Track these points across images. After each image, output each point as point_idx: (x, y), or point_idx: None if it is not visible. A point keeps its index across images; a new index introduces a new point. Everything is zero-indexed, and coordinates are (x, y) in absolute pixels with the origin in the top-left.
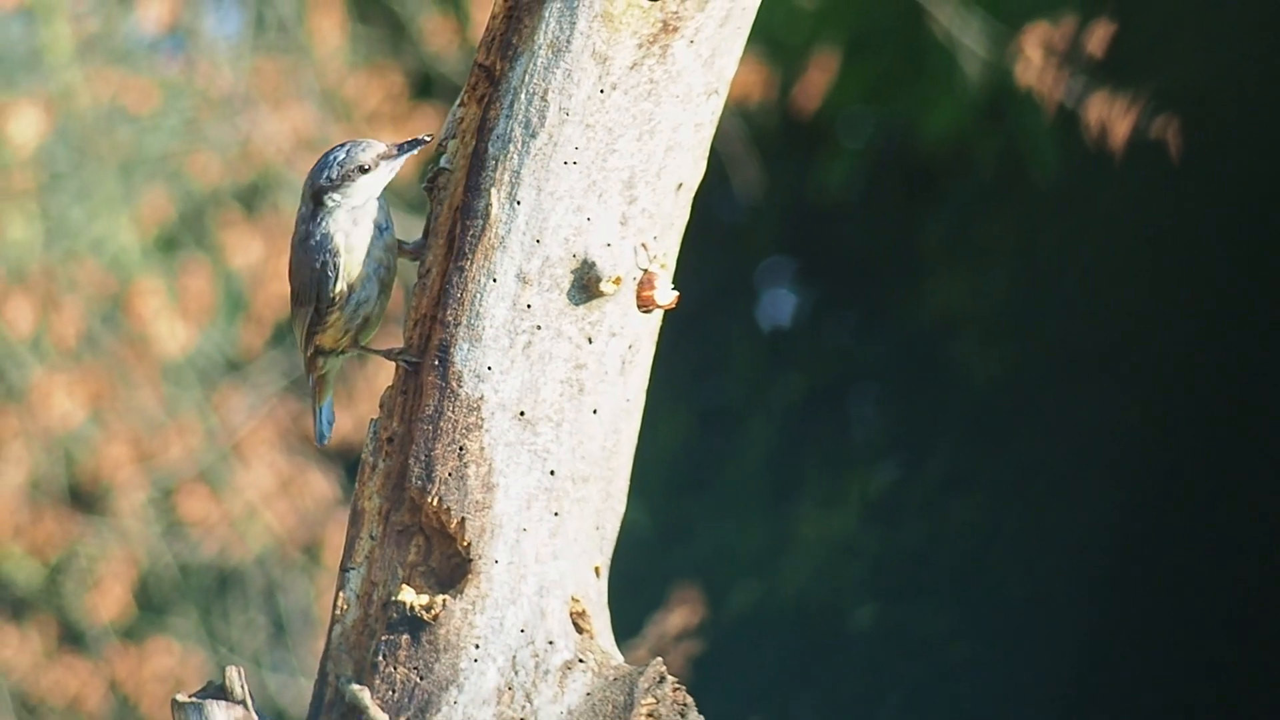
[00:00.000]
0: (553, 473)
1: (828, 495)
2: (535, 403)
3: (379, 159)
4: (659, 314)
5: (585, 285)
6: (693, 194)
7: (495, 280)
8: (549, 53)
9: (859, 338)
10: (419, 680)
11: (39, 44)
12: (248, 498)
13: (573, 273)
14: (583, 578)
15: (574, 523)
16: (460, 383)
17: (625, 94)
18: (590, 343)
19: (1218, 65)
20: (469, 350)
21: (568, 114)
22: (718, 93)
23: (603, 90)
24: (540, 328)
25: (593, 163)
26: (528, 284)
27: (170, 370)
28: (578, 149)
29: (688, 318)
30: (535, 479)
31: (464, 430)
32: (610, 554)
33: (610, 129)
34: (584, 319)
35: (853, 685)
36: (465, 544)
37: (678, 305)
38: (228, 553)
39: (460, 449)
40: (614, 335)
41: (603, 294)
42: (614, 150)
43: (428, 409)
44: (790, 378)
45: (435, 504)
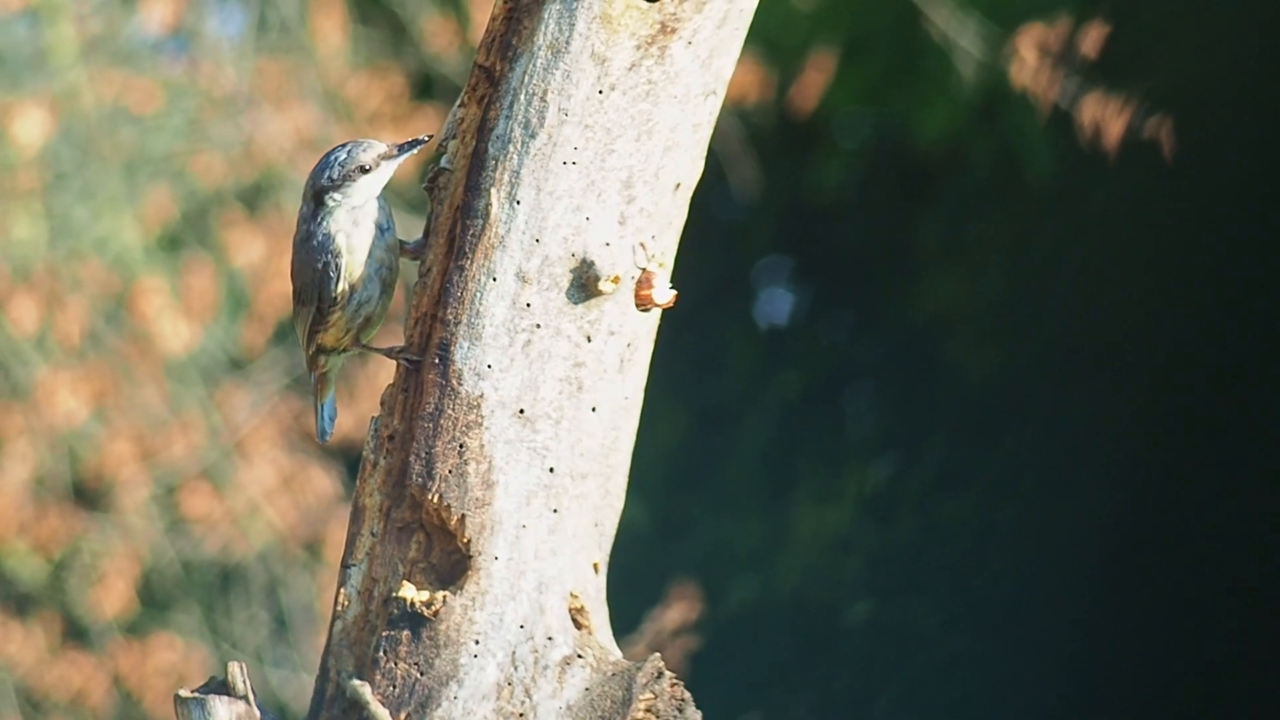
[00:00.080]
0: (552, 470)
1: (824, 492)
2: (535, 400)
3: (379, 159)
4: (657, 312)
5: (584, 284)
6: (690, 194)
7: (495, 279)
8: (548, 54)
9: (855, 336)
10: (419, 676)
11: (44, 45)
12: (250, 494)
13: (572, 272)
14: (581, 574)
15: (573, 519)
16: (460, 381)
17: (624, 95)
18: (589, 341)
19: (1211, 66)
20: (469, 348)
21: (567, 114)
22: (715, 93)
23: (601, 91)
24: (540, 326)
25: (591, 163)
26: (527, 283)
27: (173, 368)
28: (577, 149)
29: (685, 316)
30: (535, 476)
31: (464, 428)
32: (609, 550)
33: (609, 129)
34: (583, 317)
35: (848, 680)
36: (465, 540)
37: (676, 304)
38: (230, 549)
39: (460, 446)
40: (612, 334)
41: (601, 293)
42: (612, 150)
43: (428, 407)
44: (787, 375)
45: (436, 501)
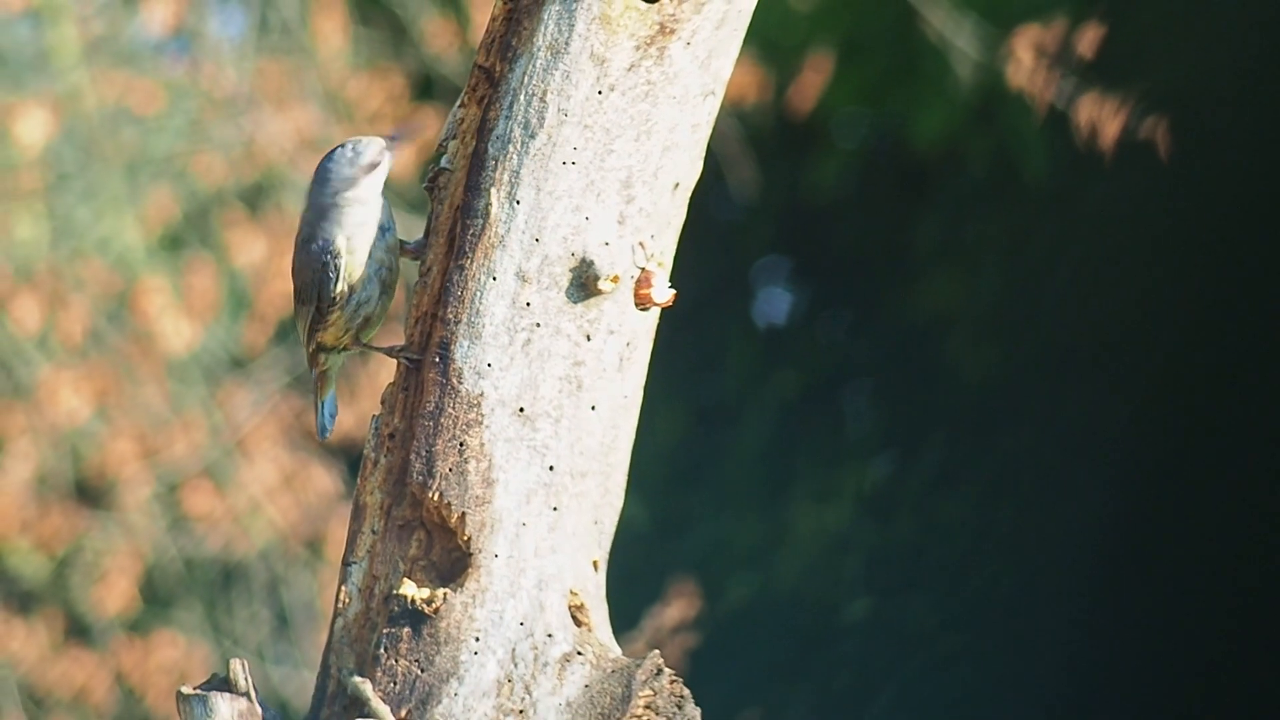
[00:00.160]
0: (552, 468)
1: (822, 490)
2: (534, 399)
3: (381, 153)
4: (656, 312)
5: (583, 283)
6: (689, 193)
7: (495, 278)
8: (548, 54)
9: (853, 335)
10: (420, 673)
11: (46, 46)
12: (251, 493)
13: (571, 271)
14: (581, 571)
15: (572, 517)
16: (461, 379)
17: (623, 95)
18: (588, 340)
19: (1206, 67)
20: (469, 347)
21: (566, 115)
22: (714, 94)
23: (600, 91)
24: (539, 325)
25: (591, 163)
26: (527, 282)
27: (175, 367)
28: (576, 149)
29: (684, 315)
30: (534, 474)
31: (464, 426)
32: (608, 548)
33: (608, 129)
34: (582, 317)
35: (847, 677)
36: (465, 538)
37: (675, 303)
38: (232, 547)
39: (460, 445)
40: (612, 333)
41: (601, 292)
42: (612, 150)
43: (429, 405)
44: (785, 374)
45: (436, 499)
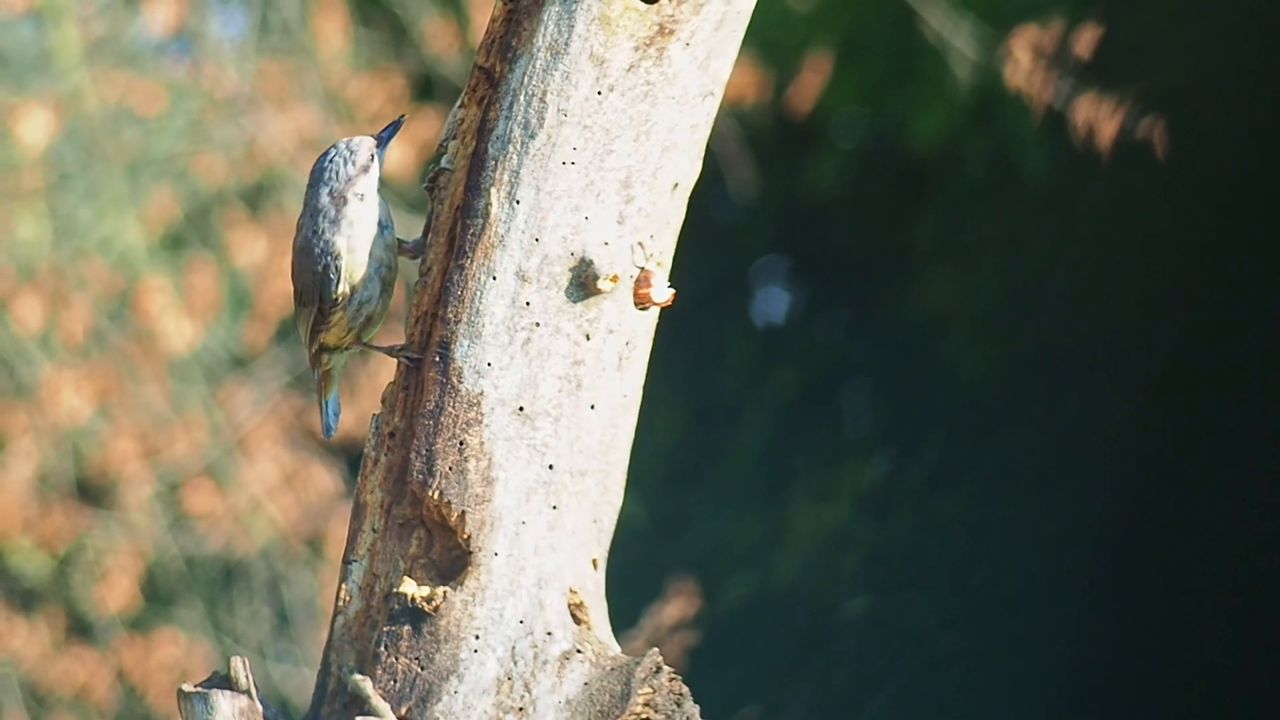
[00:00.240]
0: (551, 467)
1: (821, 489)
2: (534, 398)
3: (372, 153)
4: (655, 311)
5: (583, 283)
6: (688, 193)
7: (495, 278)
8: (547, 55)
9: (851, 335)
10: (420, 670)
11: (48, 47)
12: (252, 492)
13: (571, 270)
14: (580, 570)
15: (572, 516)
16: (461, 378)
17: (622, 95)
18: (588, 339)
19: (1203, 67)
20: (469, 346)
21: (566, 115)
22: (713, 94)
23: (600, 92)
24: (539, 324)
25: (590, 163)
26: (527, 282)
27: (176, 366)
28: (576, 149)
29: (683, 315)
30: (534, 473)
31: (464, 425)
32: (607, 546)
33: (607, 130)
34: (582, 316)
35: (845, 676)
36: (465, 537)
37: (674, 302)
38: (233, 545)
39: (461, 444)
40: (611, 332)
41: (600, 291)
42: (611, 151)
43: (429, 404)
44: (784, 374)
45: (436, 498)
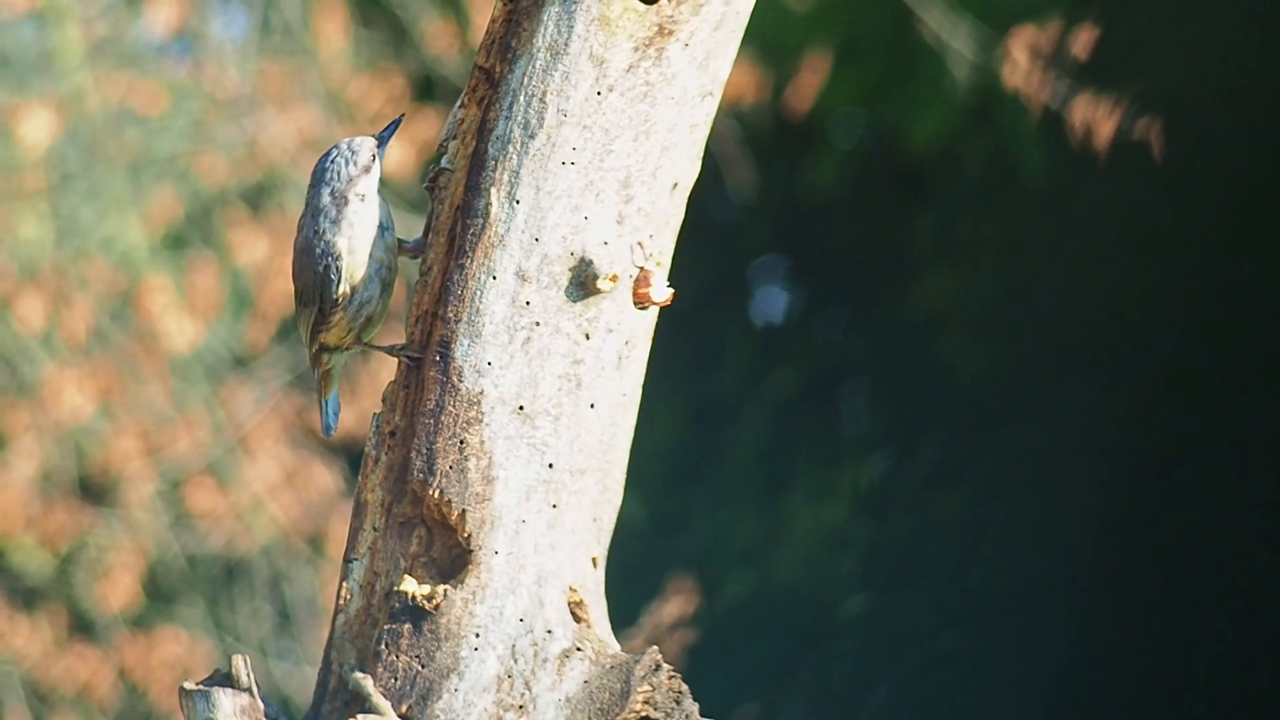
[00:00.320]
0: (551, 466)
1: (819, 488)
2: (534, 397)
3: (373, 153)
4: (655, 310)
5: (583, 282)
6: (687, 193)
7: (495, 277)
8: (547, 56)
9: (850, 334)
10: (421, 668)
11: (50, 47)
12: (254, 490)
13: (570, 270)
14: (580, 568)
15: (572, 514)
16: (461, 378)
17: (622, 96)
18: (588, 339)
19: (1199, 68)
20: (469, 346)
21: (565, 115)
22: (712, 94)
23: (600, 92)
24: (539, 324)
25: (590, 163)
26: (527, 281)
27: (178, 365)
28: (575, 149)
29: (683, 314)
30: (534, 472)
31: (464, 424)
32: (607, 545)
33: (607, 130)
34: (581, 315)
35: (844, 673)
36: (465, 535)
37: (673, 302)
38: (234, 544)
39: (461, 443)
40: (611, 331)
41: (600, 291)
42: (611, 151)
43: (429, 403)
44: (783, 373)
45: (436, 496)
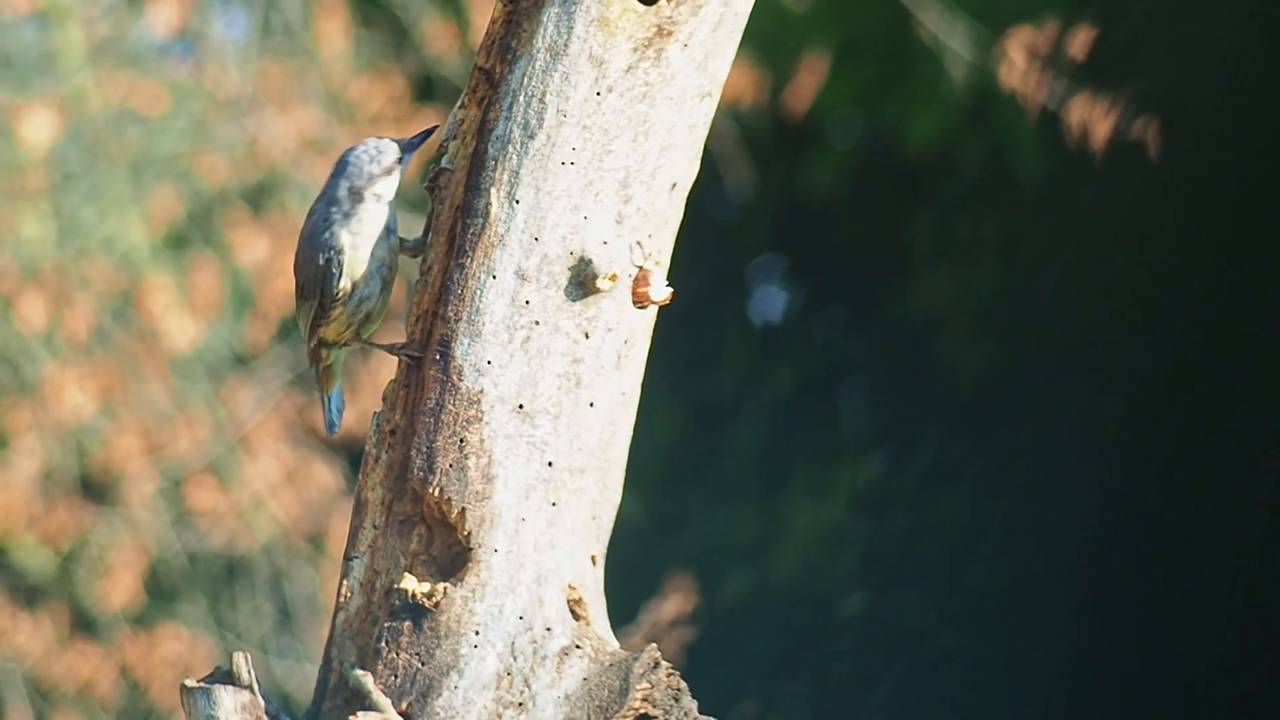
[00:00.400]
0: (550, 464)
1: (817, 486)
2: (534, 396)
3: (399, 157)
4: (654, 310)
5: (582, 282)
6: (686, 193)
7: (495, 277)
8: (547, 56)
9: (848, 333)
10: (421, 665)
11: (52, 48)
12: (254, 488)
13: (570, 270)
14: (580, 566)
15: (571, 513)
16: (461, 377)
17: (621, 96)
18: (587, 338)
19: (1196, 69)
20: (469, 345)
21: (565, 116)
22: (710, 95)
23: (599, 93)
24: (538, 323)
25: (589, 163)
26: (526, 281)
27: (179, 364)
28: (575, 150)
29: (682, 313)
30: (534, 470)
31: (464, 423)
32: (606, 543)
33: (606, 130)
34: (581, 315)
35: (842, 671)
36: (465, 533)
37: (672, 301)
38: (235, 542)
39: (461, 441)
40: (610, 330)
41: (599, 290)
42: (610, 151)
43: (429, 402)
44: (781, 372)
45: (436, 494)
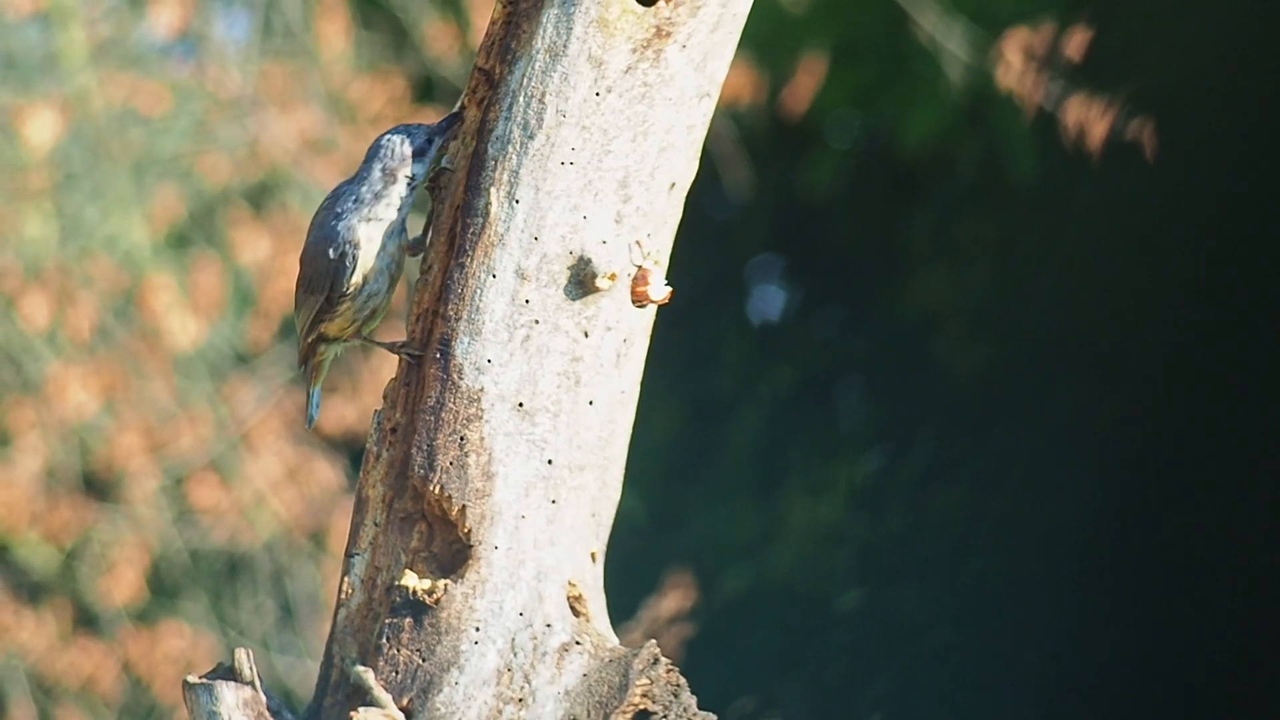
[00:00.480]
0: (550, 462)
1: (815, 484)
2: (533, 394)
3: (430, 138)
4: (653, 309)
5: (581, 281)
6: (685, 193)
7: (495, 276)
8: (546, 57)
9: (845, 332)
10: (421, 662)
11: (54, 48)
12: (256, 486)
13: (569, 269)
14: (579, 563)
15: (571, 510)
16: (461, 375)
17: (620, 97)
18: (586, 336)
19: (1191, 69)
20: (469, 344)
21: (564, 116)
22: (709, 95)
23: (598, 93)
24: (538, 322)
25: (589, 163)
26: (526, 280)
27: (181, 363)
28: (574, 150)
29: (680, 312)
30: (533, 468)
31: (465, 421)
32: (606, 540)
33: (605, 130)
34: (580, 314)
35: (840, 668)
36: (466, 530)
37: (671, 300)
38: (237, 539)
39: (461, 439)
40: (609, 329)
41: (598, 289)
42: (609, 151)
43: (430, 400)
44: (779, 370)
45: (437, 492)
